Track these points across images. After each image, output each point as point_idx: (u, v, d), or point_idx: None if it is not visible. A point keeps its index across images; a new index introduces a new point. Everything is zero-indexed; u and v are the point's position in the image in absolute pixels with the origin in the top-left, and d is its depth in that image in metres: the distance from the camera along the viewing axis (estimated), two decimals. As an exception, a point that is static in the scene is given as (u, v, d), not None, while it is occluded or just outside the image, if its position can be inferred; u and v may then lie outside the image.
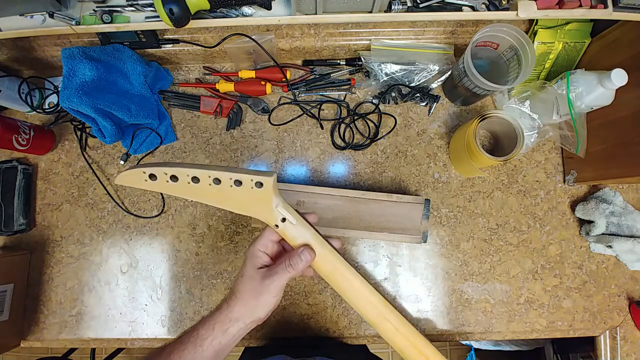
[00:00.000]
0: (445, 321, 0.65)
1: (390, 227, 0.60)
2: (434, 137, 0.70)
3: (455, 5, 0.54)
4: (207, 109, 0.69)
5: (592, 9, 0.51)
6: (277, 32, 0.65)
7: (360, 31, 0.65)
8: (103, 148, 0.71)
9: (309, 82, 0.70)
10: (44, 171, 0.71)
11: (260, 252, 0.41)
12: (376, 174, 0.69)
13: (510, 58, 0.61)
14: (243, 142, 0.70)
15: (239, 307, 0.39)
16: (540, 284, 0.66)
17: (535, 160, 0.69)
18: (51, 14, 0.53)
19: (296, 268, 0.38)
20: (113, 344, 0.66)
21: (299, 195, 0.61)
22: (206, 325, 0.39)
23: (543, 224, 0.67)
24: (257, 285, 0.39)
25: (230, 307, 0.39)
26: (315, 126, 0.70)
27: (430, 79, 0.68)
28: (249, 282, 0.39)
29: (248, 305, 0.39)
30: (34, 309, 0.67)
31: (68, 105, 0.58)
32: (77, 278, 0.67)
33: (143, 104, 0.65)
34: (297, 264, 0.38)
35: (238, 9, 0.54)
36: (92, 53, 0.60)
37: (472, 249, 0.67)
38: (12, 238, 0.69)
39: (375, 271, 0.66)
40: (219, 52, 0.67)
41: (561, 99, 0.58)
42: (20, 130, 0.64)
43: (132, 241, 0.68)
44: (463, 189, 0.68)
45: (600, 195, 0.66)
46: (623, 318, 0.65)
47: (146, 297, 0.67)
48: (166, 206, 0.68)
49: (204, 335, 0.38)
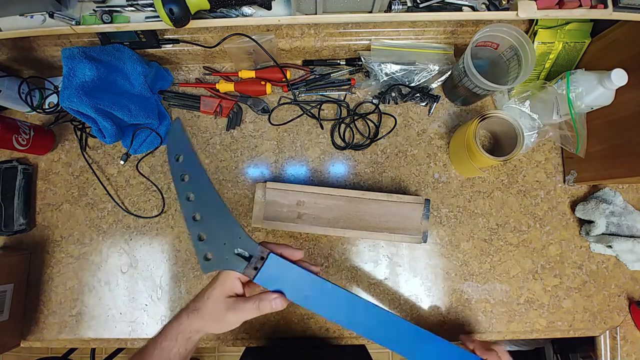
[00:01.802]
0: (445, 321, 0.65)
1: (390, 227, 0.60)
2: (434, 137, 0.70)
3: (455, 5, 0.54)
4: (207, 109, 0.69)
5: (592, 9, 0.51)
6: (277, 32, 0.65)
7: (360, 31, 0.65)
8: (103, 148, 0.71)
9: (309, 82, 0.70)
10: (44, 171, 0.71)
11: (236, 281, 0.40)
12: (376, 174, 0.69)
13: (510, 58, 0.61)
14: (243, 142, 0.70)
15: (199, 323, 0.40)
16: (540, 284, 0.66)
17: (535, 160, 0.69)
18: (51, 14, 0.53)
19: (263, 311, 0.39)
20: (113, 344, 0.66)
21: (299, 195, 0.61)
22: (169, 337, 0.40)
23: (543, 224, 0.67)
24: (220, 313, 0.39)
25: (190, 320, 0.40)
26: (315, 126, 0.70)
27: (430, 79, 0.68)
28: (213, 307, 0.40)
29: (208, 325, 0.40)
30: (34, 309, 0.67)
31: (68, 105, 0.58)
32: (77, 278, 0.67)
33: (143, 104, 0.65)
34: (265, 309, 0.39)
35: (238, 9, 0.54)
36: (92, 53, 0.60)
37: (472, 249, 0.67)
38: (12, 238, 0.69)
39: (375, 271, 0.66)
40: (219, 52, 0.67)
41: (561, 99, 0.58)
42: (20, 130, 0.64)
43: (132, 241, 0.68)
44: (463, 189, 0.68)
45: (600, 195, 0.66)
46: (623, 318, 0.65)
47: (146, 297, 0.67)
48: (166, 206, 0.68)
49: (169, 346, 0.40)
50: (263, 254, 0.40)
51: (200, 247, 0.39)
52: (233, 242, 0.39)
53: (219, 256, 0.39)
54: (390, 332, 0.39)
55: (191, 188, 0.38)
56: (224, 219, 0.38)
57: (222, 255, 0.39)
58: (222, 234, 0.39)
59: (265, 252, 0.40)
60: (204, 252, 0.39)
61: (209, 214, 0.38)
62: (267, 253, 0.40)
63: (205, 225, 0.38)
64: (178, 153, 0.38)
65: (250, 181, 0.69)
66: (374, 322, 0.39)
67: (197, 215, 0.38)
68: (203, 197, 0.38)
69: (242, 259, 0.39)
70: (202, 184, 0.38)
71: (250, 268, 0.39)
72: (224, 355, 1.48)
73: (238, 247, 0.39)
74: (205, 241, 0.39)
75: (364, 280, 0.66)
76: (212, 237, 0.39)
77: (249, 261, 0.39)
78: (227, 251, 0.39)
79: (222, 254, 0.39)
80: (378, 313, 0.39)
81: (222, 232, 0.39)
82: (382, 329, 0.39)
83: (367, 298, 0.65)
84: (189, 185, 0.38)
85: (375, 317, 0.40)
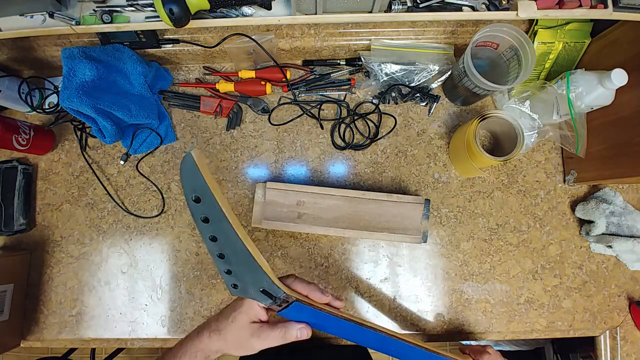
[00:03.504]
0: (445, 321, 0.65)
1: (390, 227, 0.60)
2: (434, 137, 0.70)
3: (455, 5, 0.54)
4: (207, 109, 0.69)
5: (592, 9, 0.51)
6: (277, 32, 0.65)
7: (360, 31, 0.65)
8: (103, 148, 0.71)
9: (309, 82, 0.70)
10: (44, 171, 0.71)
11: (258, 307, 0.41)
12: (376, 174, 0.69)
13: (510, 58, 0.61)
14: (243, 142, 0.70)
15: (221, 344, 0.40)
16: (540, 284, 0.66)
17: (535, 160, 0.69)
18: (51, 14, 0.53)
19: (288, 340, 0.39)
20: (113, 344, 0.66)
21: (299, 195, 0.61)
22: (188, 353, 0.40)
23: (543, 224, 0.67)
24: (244, 339, 0.39)
25: (212, 340, 0.40)
26: (315, 126, 0.70)
27: (430, 79, 0.68)
28: (237, 332, 0.40)
29: (229, 348, 0.40)
30: (34, 309, 0.67)
31: (68, 105, 0.58)
32: (77, 278, 0.67)
33: (143, 104, 0.65)
34: (290, 338, 0.39)
35: (238, 9, 0.54)
36: (92, 53, 0.60)
37: (472, 249, 0.67)
38: (12, 238, 0.69)
39: (375, 271, 0.66)
40: (219, 52, 0.67)
41: (561, 99, 0.58)
42: (20, 130, 0.64)
43: (132, 241, 0.68)
44: (463, 189, 0.68)
45: (600, 195, 0.66)
46: (623, 318, 0.65)
47: (146, 297, 0.67)
48: (166, 206, 0.68)
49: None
50: (288, 300, 0.40)
51: (228, 279, 0.39)
52: (258, 283, 0.38)
53: (245, 288, 0.39)
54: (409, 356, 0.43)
55: (214, 230, 0.36)
56: (248, 264, 0.37)
57: (248, 289, 0.39)
58: (248, 275, 0.38)
59: (290, 299, 0.39)
60: (232, 282, 0.39)
61: (234, 256, 0.37)
62: (292, 300, 0.40)
63: (231, 264, 0.38)
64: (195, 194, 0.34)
65: (250, 181, 0.69)
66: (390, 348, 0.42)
67: (223, 254, 0.37)
68: (226, 239, 0.36)
69: (267, 296, 0.39)
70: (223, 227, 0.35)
71: (275, 305, 0.40)
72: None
73: (263, 287, 0.39)
74: (232, 275, 0.39)
75: (363, 281, 0.66)
76: (238, 274, 0.38)
77: (273, 300, 0.39)
78: (252, 288, 0.39)
79: (248, 288, 0.39)
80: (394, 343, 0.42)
81: (248, 274, 0.38)
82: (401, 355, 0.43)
83: (367, 299, 0.65)
84: (211, 227, 0.35)
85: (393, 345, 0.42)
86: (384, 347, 0.42)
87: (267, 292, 0.38)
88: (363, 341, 0.43)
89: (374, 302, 0.65)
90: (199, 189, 0.33)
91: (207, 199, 0.33)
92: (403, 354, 0.43)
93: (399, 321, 0.65)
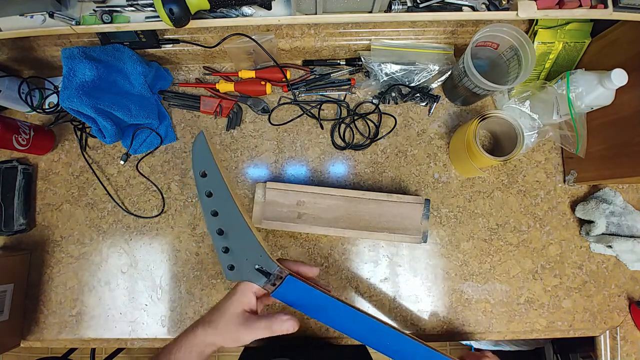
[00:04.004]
0: (445, 321, 0.65)
1: (390, 227, 0.60)
2: (434, 137, 0.70)
3: (455, 5, 0.54)
4: (207, 109, 0.69)
5: (592, 9, 0.51)
6: (277, 32, 0.65)
7: (360, 31, 0.65)
8: (103, 148, 0.71)
9: (309, 82, 0.70)
10: (44, 171, 0.71)
11: (252, 295, 0.41)
12: (376, 174, 0.69)
13: (510, 58, 0.61)
14: (243, 142, 0.70)
15: (214, 336, 0.40)
16: (540, 284, 0.66)
17: (535, 160, 0.69)
18: (51, 14, 0.53)
19: (275, 332, 0.40)
20: (113, 344, 0.66)
21: (299, 195, 0.61)
22: (183, 349, 0.40)
23: (543, 224, 0.67)
24: (234, 328, 0.40)
25: (206, 333, 0.40)
26: (315, 126, 0.70)
27: (430, 79, 0.68)
28: (229, 322, 0.40)
29: (222, 339, 0.41)
30: (34, 309, 0.67)
31: (68, 105, 0.58)
32: (77, 278, 0.67)
33: (143, 104, 0.65)
34: (277, 330, 0.40)
35: (238, 9, 0.54)
36: (92, 53, 0.60)
37: (472, 249, 0.67)
38: (12, 238, 0.69)
39: (375, 271, 0.66)
40: (219, 52, 0.67)
41: (561, 99, 0.58)
42: (20, 130, 0.64)
43: (132, 241, 0.68)
44: (463, 189, 0.68)
45: (600, 195, 0.66)
46: (623, 318, 0.65)
47: (146, 297, 0.67)
48: (166, 206, 0.68)
49: (182, 359, 0.40)
50: (282, 274, 0.41)
51: (225, 259, 0.41)
52: (254, 258, 0.40)
53: (241, 269, 0.41)
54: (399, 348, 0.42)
55: (216, 204, 0.39)
56: (246, 237, 0.40)
57: (243, 269, 0.41)
58: (244, 250, 0.41)
59: (284, 272, 0.41)
60: (228, 262, 0.41)
61: (232, 230, 0.40)
62: (285, 273, 0.41)
63: (229, 240, 0.40)
64: (203, 169, 0.38)
65: (250, 181, 0.69)
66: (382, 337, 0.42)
67: (222, 230, 0.40)
68: (227, 214, 0.39)
69: (262, 274, 0.41)
70: (226, 201, 0.39)
71: (269, 284, 0.41)
72: (224, 355, 1.48)
73: (258, 264, 0.41)
74: (228, 253, 0.41)
75: (364, 281, 0.66)
76: (235, 251, 0.40)
77: (267, 277, 0.41)
78: (248, 266, 0.41)
79: (243, 267, 0.41)
80: (386, 331, 0.42)
81: (244, 248, 0.40)
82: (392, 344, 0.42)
83: (367, 298, 0.65)
84: (214, 201, 0.39)
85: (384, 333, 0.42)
86: (379, 339, 0.41)
87: (262, 270, 0.40)
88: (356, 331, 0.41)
89: (374, 302, 0.65)
90: (207, 164, 0.38)
91: (213, 174, 0.38)
92: (400, 348, 0.41)
93: (399, 321, 0.65)
